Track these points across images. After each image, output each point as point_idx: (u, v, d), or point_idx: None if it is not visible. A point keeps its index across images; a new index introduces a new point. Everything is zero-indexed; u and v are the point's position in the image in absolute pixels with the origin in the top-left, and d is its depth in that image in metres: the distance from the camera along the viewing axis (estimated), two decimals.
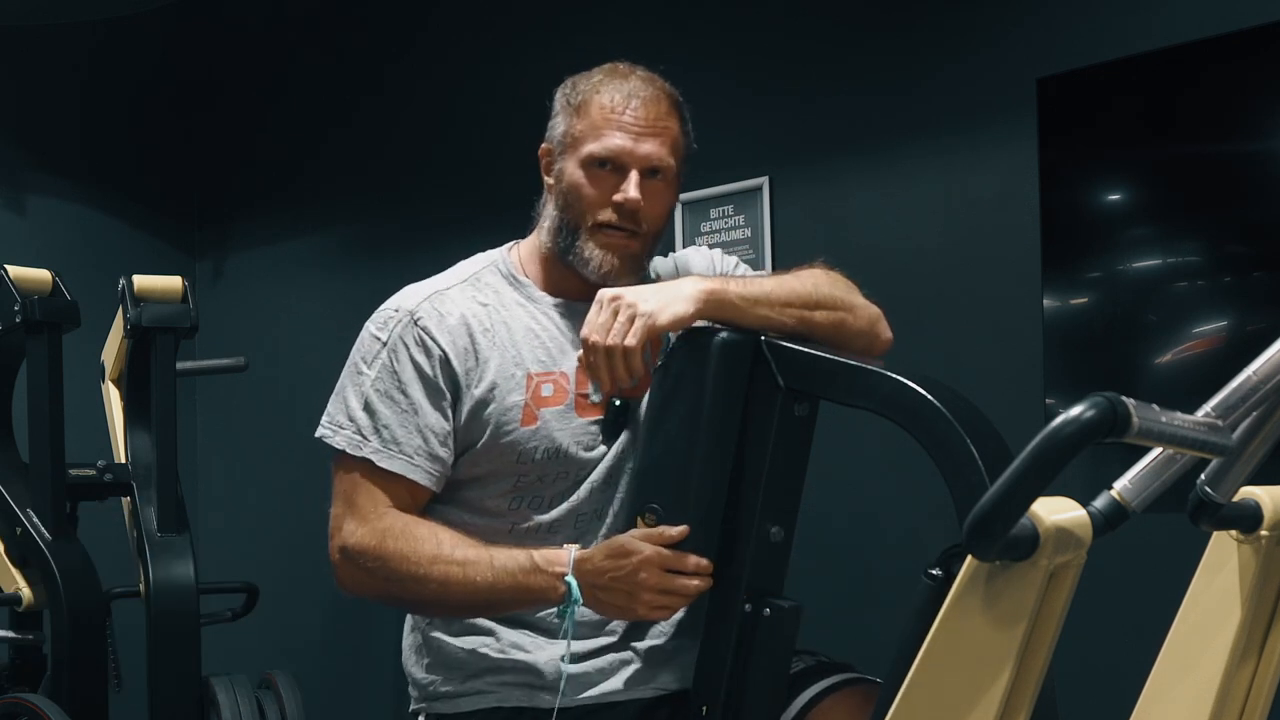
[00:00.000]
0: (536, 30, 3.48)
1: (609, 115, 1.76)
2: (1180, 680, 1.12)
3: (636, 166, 1.76)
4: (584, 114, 1.78)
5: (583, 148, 1.77)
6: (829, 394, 1.64)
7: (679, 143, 1.82)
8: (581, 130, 1.78)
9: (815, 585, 2.22)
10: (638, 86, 1.79)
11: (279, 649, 3.87)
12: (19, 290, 2.96)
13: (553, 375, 1.79)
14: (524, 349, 1.79)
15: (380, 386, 1.76)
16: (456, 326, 1.77)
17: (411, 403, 1.75)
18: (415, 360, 1.76)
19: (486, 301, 1.81)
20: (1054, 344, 2.46)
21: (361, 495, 1.76)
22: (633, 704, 1.75)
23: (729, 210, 3.04)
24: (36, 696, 2.84)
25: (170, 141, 4.39)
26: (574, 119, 1.79)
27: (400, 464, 1.75)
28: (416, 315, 1.78)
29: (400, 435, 1.75)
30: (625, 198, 1.75)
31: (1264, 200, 2.27)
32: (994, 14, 2.67)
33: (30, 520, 2.91)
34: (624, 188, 1.75)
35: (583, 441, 1.78)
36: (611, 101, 1.77)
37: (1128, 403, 0.89)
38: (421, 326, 1.77)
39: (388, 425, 1.75)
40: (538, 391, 1.77)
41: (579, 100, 1.80)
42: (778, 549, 1.66)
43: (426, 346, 1.76)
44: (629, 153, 1.75)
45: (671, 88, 1.83)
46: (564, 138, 1.80)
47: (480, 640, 1.78)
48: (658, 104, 1.79)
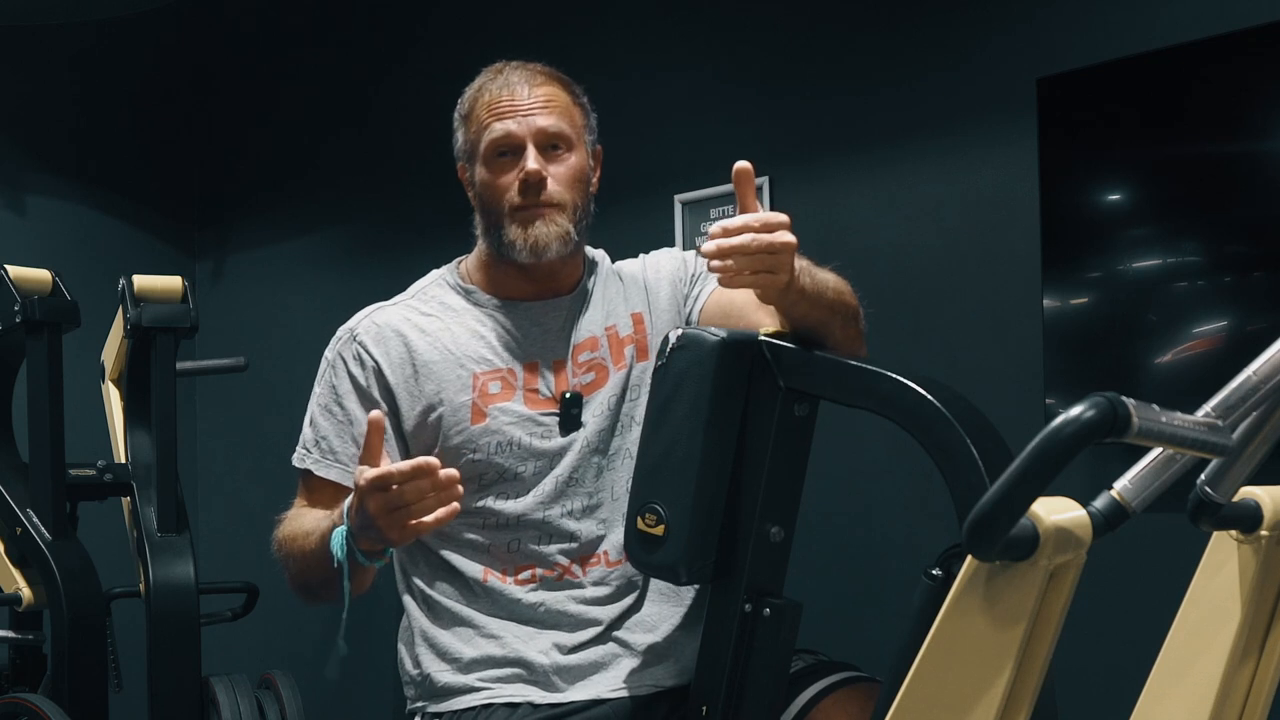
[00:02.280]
0: (536, 31, 3.48)
1: (491, 108, 1.83)
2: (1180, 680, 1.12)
3: (530, 141, 1.81)
4: (473, 118, 1.86)
5: (479, 148, 1.84)
6: (829, 394, 1.64)
7: (571, 111, 1.85)
8: (475, 132, 1.85)
9: (815, 585, 2.22)
10: (511, 74, 1.85)
11: (279, 649, 3.88)
12: (19, 290, 2.96)
13: (500, 372, 1.83)
14: (469, 350, 1.84)
15: (322, 401, 1.85)
16: (392, 337, 1.83)
17: (347, 414, 1.82)
18: (351, 373, 1.83)
19: (429, 311, 1.87)
20: (1054, 344, 2.46)
21: (299, 500, 1.85)
22: (629, 699, 1.76)
23: (729, 210, 3.04)
24: (36, 696, 2.84)
25: (170, 142, 4.39)
26: (467, 126, 1.87)
27: (335, 472, 1.81)
28: (355, 332, 1.85)
29: (337, 445, 1.82)
30: (525, 171, 1.80)
31: (1264, 200, 2.27)
32: (994, 14, 2.67)
33: (30, 520, 2.91)
34: (521, 164, 1.80)
35: (536, 432, 1.81)
36: (490, 96, 1.84)
37: (1128, 403, 0.89)
38: (359, 342, 1.84)
39: (325, 436, 1.83)
40: (485, 389, 1.82)
41: (465, 109, 1.88)
42: (778, 549, 1.66)
43: (361, 359, 1.83)
44: (516, 132, 1.81)
45: (552, 68, 1.88)
46: (465, 147, 1.87)
47: (469, 633, 1.79)
48: (536, 82, 1.84)
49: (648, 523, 1.66)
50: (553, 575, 1.81)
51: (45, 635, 3.04)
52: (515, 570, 1.81)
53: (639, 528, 1.68)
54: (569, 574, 1.81)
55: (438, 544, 1.83)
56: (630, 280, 1.94)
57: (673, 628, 1.81)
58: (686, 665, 1.76)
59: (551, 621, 1.79)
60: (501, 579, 1.81)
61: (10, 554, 3.00)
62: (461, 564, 1.82)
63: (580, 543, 1.82)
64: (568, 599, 1.80)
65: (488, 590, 1.81)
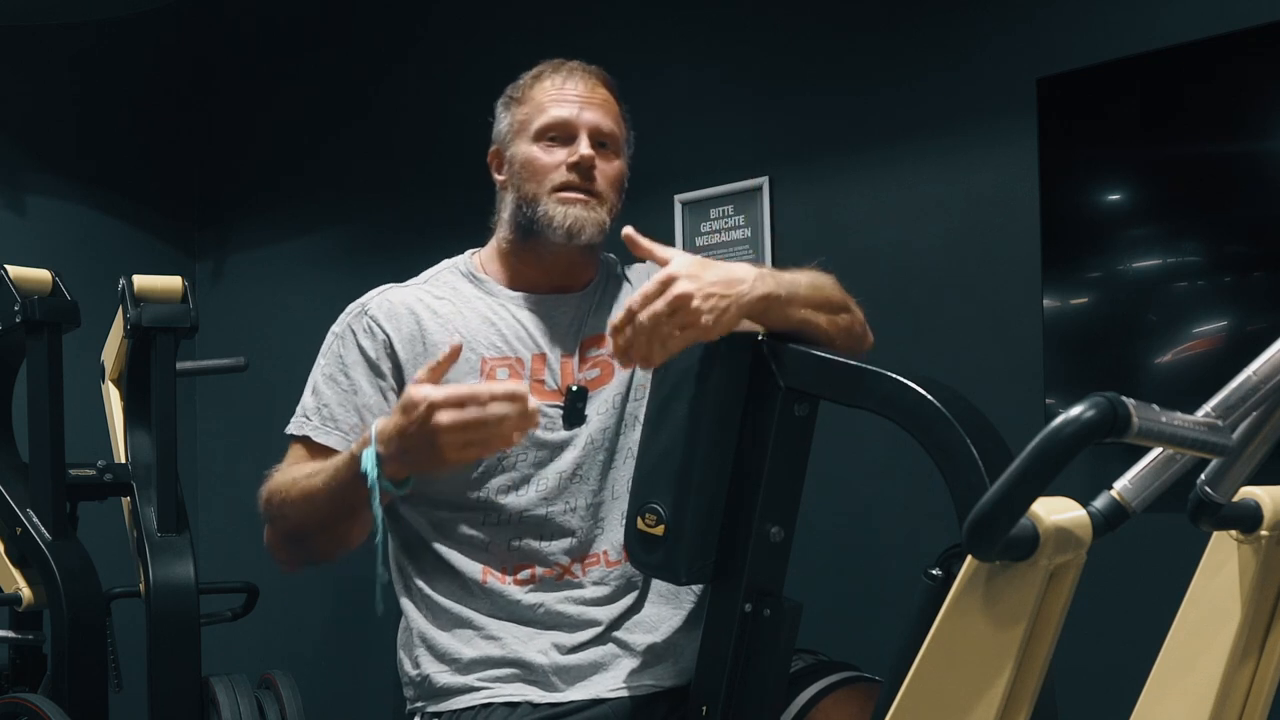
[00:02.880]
0: (536, 30, 3.48)
1: (550, 93, 1.87)
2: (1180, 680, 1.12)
3: (584, 130, 1.85)
4: (527, 100, 1.89)
5: (531, 126, 1.86)
6: (829, 394, 1.64)
7: (620, 122, 1.91)
8: (527, 113, 1.88)
9: (815, 585, 2.22)
10: (574, 68, 1.90)
11: (279, 649, 3.88)
12: (19, 290, 2.96)
13: (508, 360, 1.84)
14: (479, 335, 1.84)
15: (327, 371, 1.85)
16: (405, 315, 1.84)
17: (352, 383, 1.82)
18: (360, 344, 1.83)
19: (442, 295, 1.88)
20: (1054, 344, 2.46)
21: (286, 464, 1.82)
22: (628, 699, 1.76)
23: (729, 210, 3.04)
24: (36, 696, 2.85)
25: (170, 141, 4.39)
26: (518, 108, 1.89)
27: (335, 439, 1.80)
28: (366, 306, 1.86)
29: (338, 413, 1.81)
30: (579, 155, 1.83)
31: (1264, 200, 2.27)
32: (994, 14, 2.67)
33: (30, 520, 2.91)
34: (575, 148, 1.84)
35: (540, 422, 1.80)
36: (551, 82, 1.88)
37: (1128, 403, 0.89)
38: (370, 315, 1.85)
39: (327, 404, 1.82)
40: (492, 375, 1.82)
41: (519, 93, 1.91)
42: (778, 549, 1.66)
43: (372, 331, 1.83)
44: (575, 118, 1.85)
45: (608, 74, 1.93)
46: (511, 127, 1.89)
47: (468, 634, 1.79)
48: (596, 83, 1.89)
49: (648, 523, 1.66)
50: (552, 575, 1.81)
51: (45, 635, 3.04)
52: (514, 569, 1.81)
53: (639, 528, 1.68)
54: (569, 574, 1.81)
55: (438, 540, 1.83)
56: (638, 282, 1.95)
57: (673, 629, 1.81)
58: (686, 665, 1.76)
59: (551, 622, 1.79)
60: (501, 579, 1.81)
61: (10, 554, 3.00)
62: (461, 563, 1.82)
63: (581, 541, 1.82)
64: (567, 600, 1.80)
65: (487, 591, 1.81)
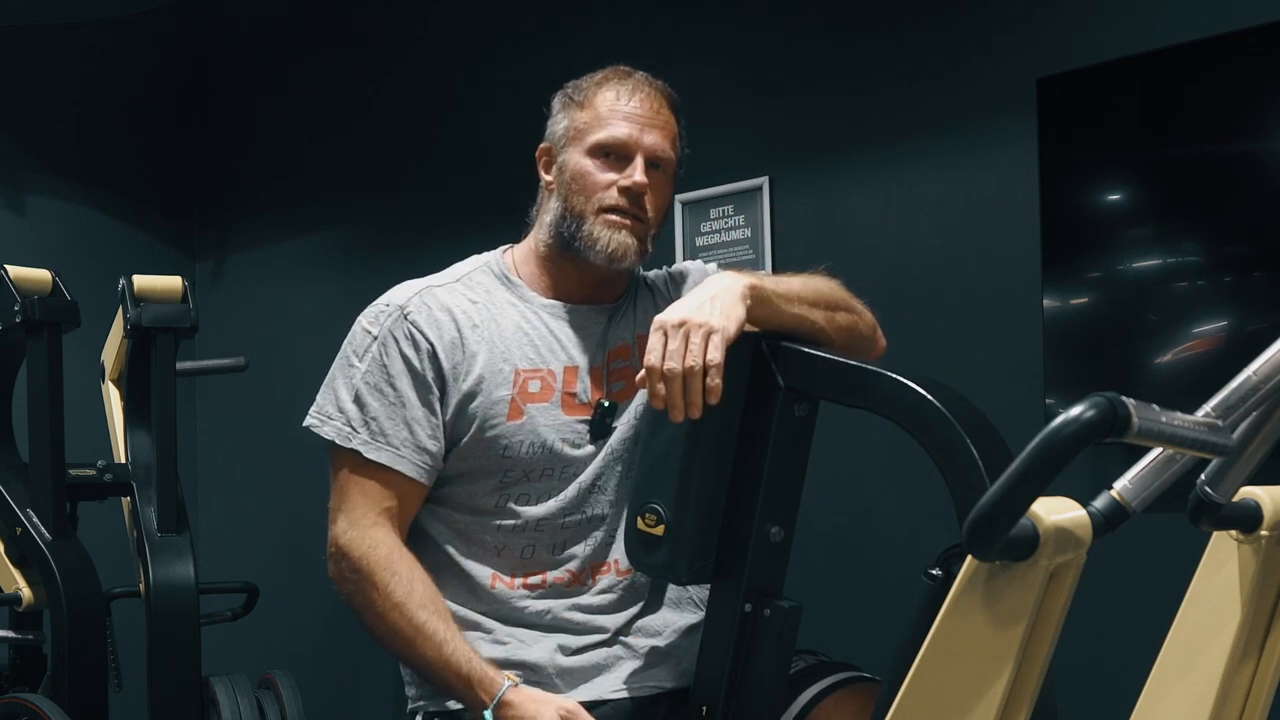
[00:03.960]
0: (536, 31, 3.48)
1: (614, 107, 1.81)
2: (1180, 680, 1.12)
3: (641, 154, 1.80)
4: (588, 107, 1.83)
5: (588, 137, 1.81)
6: (829, 394, 1.64)
7: (677, 141, 1.86)
8: (586, 121, 1.82)
9: (815, 585, 2.22)
10: (640, 83, 1.84)
11: (279, 649, 3.87)
12: (19, 290, 2.95)
13: (540, 372, 1.81)
14: (513, 345, 1.81)
15: (370, 380, 1.79)
16: (445, 321, 1.80)
17: (399, 395, 1.77)
18: (404, 354, 1.78)
19: (477, 299, 1.84)
20: (1054, 344, 2.45)
21: (353, 489, 1.78)
22: (629, 700, 1.76)
23: (729, 210, 3.04)
24: (36, 696, 2.84)
25: (170, 142, 4.39)
26: (577, 113, 1.83)
27: (387, 455, 1.77)
28: (407, 310, 1.80)
29: (388, 428, 1.77)
30: (633, 181, 1.79)
31: (1264, 200, 2.27)
32: (994, 14, 2.67)
33: (30, 520, 2.91)
34: (629, 172, 1.79)
35: (569, 439, 1.80)
36: (616, 95, 1.82)
37: (1128, 403, 0.89)
38: (411, 321, 1.79)
39: (375, 418, 1.77)
40: (525, 387, 1.79)
41: (581, 97, 1.84)
42: (778, 549, 1.66)
43: (415, 340, 1.78)
44: (634, 140, 1.80)
45: (671, 90, 1.87)
46: (567, 131, 1.84)
47: (474, 636, 1.78)
48: (659, 100, 1.84)
49: (648, 523, 1.66)
50: (563, 581, 1.81)
51: (45, 635, 3.03)
52: (525, 575, 1.81)
53: (639, 528, 1.68)
54: (579, 581, 1.81)
55: (451, 544, 1.82)
56: (659, 292, 1.94)
57: (677, 632, 1.82)
58: (688, 667, 1.76)
59: (557, 628, 1.79)
60: (509, 585, 1.80)
61: (10, 554, 3.00)
62: (471, 568, 1.81)
63: (594, 549, 1.82)
64: (574, 607, 1.80)
65: (494, 596, 1.80)
